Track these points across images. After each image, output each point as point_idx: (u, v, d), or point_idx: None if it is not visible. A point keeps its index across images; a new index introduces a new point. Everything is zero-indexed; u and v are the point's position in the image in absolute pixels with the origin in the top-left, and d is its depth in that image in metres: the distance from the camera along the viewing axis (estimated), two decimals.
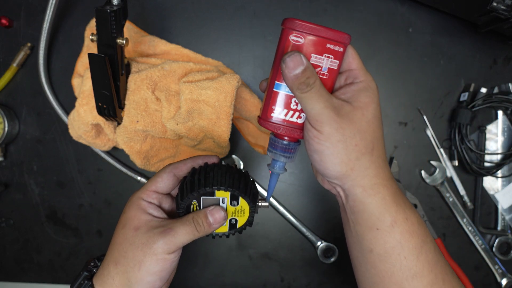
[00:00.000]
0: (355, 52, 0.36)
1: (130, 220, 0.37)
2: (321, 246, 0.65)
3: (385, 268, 0.34)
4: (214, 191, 0.38)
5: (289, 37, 0.34)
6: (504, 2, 0.52)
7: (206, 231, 0.38)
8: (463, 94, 0.65)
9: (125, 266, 0.35)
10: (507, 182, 0.67)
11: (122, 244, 0.36)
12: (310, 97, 0.32)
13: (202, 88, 0.52)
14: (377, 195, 0.33)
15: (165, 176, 0.40)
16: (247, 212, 0.40)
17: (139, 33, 0.62)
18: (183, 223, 0.37)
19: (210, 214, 0.38)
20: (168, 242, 0.35)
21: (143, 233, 0.36)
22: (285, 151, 0.37)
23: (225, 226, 0.41)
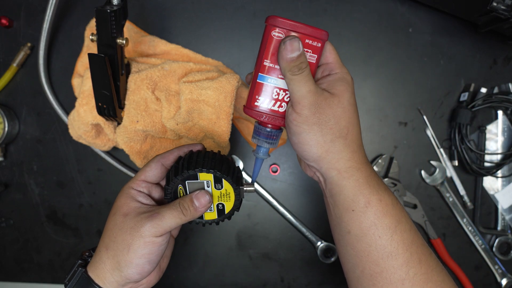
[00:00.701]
0: (332, 48, 0.39)
1: (120, 207, 0.39)
2: (321, 246, 0.65)
3: (362, 248, 0.36)
4: (197, 174, 0.39)
5: (271, 32, 0.36)
6: (504, 2, 0.52)
7: (193, 215, 0.39)
8: (463, 94, 0.65)
9: (115, 250, 0.37)
10: (507, 182, 0.67)
11: (112, 230, 0.38)
12: (299, 80, 0.35)
13: (202, 88, 0.52)
14: (351, 178, 0.36)
15: (153, 166, 0.41)
16: (233, 196, 0.41)
17: (139, 33, 0.62)
18: (170, 207, 0.38)
19: (196, 198, 0.39)
20: (155, 225, 0.36)
21: (131, 218, 0.37)
22: (268, 137, 0.40)
23: (213, 212, 0.42)
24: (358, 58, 0.65)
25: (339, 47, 0.65)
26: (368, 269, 0.36)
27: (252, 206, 0.66)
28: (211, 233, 0.66)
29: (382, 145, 0.66)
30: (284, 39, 0.35)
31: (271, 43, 0.37)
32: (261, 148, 0.40)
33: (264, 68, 0.38)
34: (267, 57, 0.38)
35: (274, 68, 0.38)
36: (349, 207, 0.36)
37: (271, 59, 0.38)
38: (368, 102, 0.65)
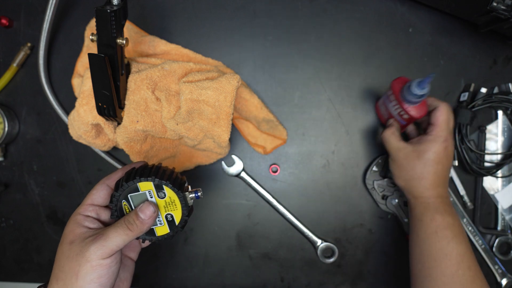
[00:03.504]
0: (443, 111, 0.52)
1: (66, 235, 0.38)
2: (321, 246, 0.65)
3: (425, 247, 0.50)
4: (137, 184, 0.39)
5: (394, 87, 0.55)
6: (504, 2, 0.52)
7: (140, 229, 0.38)
8: (463, 94, 0.65)
9: (64, 280, 0.36)
10: (507, 182, 0.67)
11: (60, 260, 0.37)
12: (388, 136, 0.56)
13: (202, 88, 0.52)
14: (422, 203, 0.51)
15: (99, 188, 0.41)
16: (178, 203, 0.40)
17: (139, 33, 0.62)
18: (114, 226, 0.37)
19: (140, 210, 0.39)
20: (100, 246, 0.36)
21: (77, 244, 0.37)
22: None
23: (164, 226, 0.41)
24: (358, 58, 0.65)
25: (339, 47, 0.65)
26: (428, 263, 0.49)
27: (252, 206, 0.66)
28: (211, 233, 0.66)
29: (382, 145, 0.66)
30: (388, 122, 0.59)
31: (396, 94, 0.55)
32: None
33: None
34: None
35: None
36: (419, 219, 0.51)
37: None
38: (368, 102, 0.65)
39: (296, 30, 0.65)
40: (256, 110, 0.61)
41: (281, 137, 0.64)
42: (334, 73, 0.65)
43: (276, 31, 0.65)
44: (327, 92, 0.65)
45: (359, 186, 0.66)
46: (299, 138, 0.65)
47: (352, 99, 0.65)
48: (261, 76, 0.65)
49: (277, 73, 0.65)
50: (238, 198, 0.66)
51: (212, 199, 0.66)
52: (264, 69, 0.65)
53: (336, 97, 0.65)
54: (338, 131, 0.65)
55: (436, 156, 0.50)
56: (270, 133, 0.63)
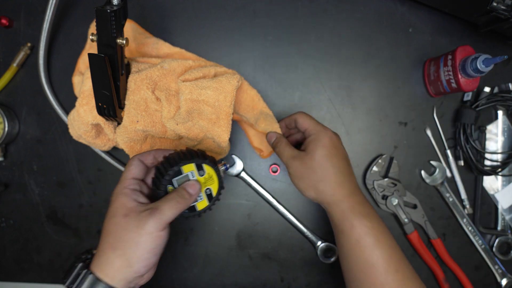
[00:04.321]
0: (305, 116, 0.52)
1: (118, 209, 0.41)
2: (321, 246, 0.65)
3: (352, 259, 0.47)
4: (181, 168, 0.44)
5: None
6: (504, 2, 0.52)
7: (188, 203, 0.43)
8: (466, 94, 0.65)
9: (123, 249, 0.39)
10: (507, 182, 0.67)
11: (116, 231, 0.40)
12: (279, 150, 0.52)
13: (201, 88, 0.52)
14: (337, 208, 0.48)
15: (136, 163, 0.45)
16: (215, 176, 0.47)
17: (143, 34, 0.62)
18: (166, 201, 0.42)
19: (188, 186, 0.44)
20: (158, 220, 0.40)
21: (133, 217, 0.40)
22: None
23: (203, 200, 0.47)
24: (358, 58, 0.65)
25: (339, 47, 0.65)
26: (357, 275, 0.47)
27: (252, 206, 0.66)
28: (211, 233, 0.66)
29: (382, 145, 0.66)
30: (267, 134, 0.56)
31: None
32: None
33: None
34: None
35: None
36: (339, 229, 0.48)
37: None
38: (368, 102, 0.65)
39: (296, 30, 0.65)
40: (253, 102, 0.60)
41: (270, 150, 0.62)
42: (334, 73, 0.65)
43: (276, 31, 0.65)
44: (327, 92, 0.65)
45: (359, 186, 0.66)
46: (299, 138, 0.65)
47: (352, 99, 0.65)
48: (261, 76, 0.65)
49: (277, 73, 0.65)
50: (238, 198, 0.66)
51: None
52: (264, 69, 0.65)
53: (336, 97, 0.65)
54: (338, 131, 0.65)
55: (326, 149, 0.48)
56: (266, 130, 0.62)
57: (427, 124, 0.66)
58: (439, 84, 0.61)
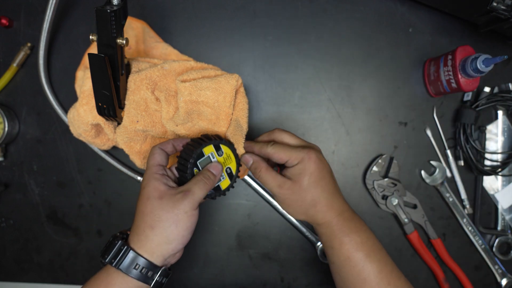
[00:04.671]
0: (279, 148, 0.49)
1: (152, 192, 0.44)
2: (321, 246, 0.65)
3: (343, 275, 0.48)
4: (202, 150, 0.47)
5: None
6: (504, 2, 0.52)
7: (213, 183, 0.47)
8: (466, 94, 0.65)
9: (162, 228, 0.42)
10: (507, 182, 0.67)
11: (153, 212, 0.43)
12: (261, 178, 0.49)
13: (200, 89, 0.52)
14: (327, 228, 0.48)
15: (159, 152, 0.48)
16: (232, 155, 0.50)
17: (154, 38, 0.62)
18: (195, 182, 0.45)
19: (212, 168, 0.48)
20: (191, 200, 0.43)
21: (168, 199, 0.43)
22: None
23: (225, 180, 0.50)
24: (358, 58, 0.65)
25: (339, 47, 0.65)
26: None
27: (252, 206, 0.66)
28: (211, 233, 0.66)
29: (382, 145, 0.66)
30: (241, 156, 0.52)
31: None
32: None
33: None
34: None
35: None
36: (329, 246, 0.48)
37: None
38: (368, 102, 0.65)
39: (296, 30, 0.65)
40: (237, 107, 0.54)
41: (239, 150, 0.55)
42: (334, 73, 0.65)
43: (276, 31, 0.65)
44: (327, 92, 0.65)
45: (359, 186, 0.66)
46: None
47: (352, 99, 0.65)
48: (261, 76, 0.65)
49: (277, 73, 0.65)
50: (238, 198, 0.66)
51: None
52: (264, 69, 0.65)
53: (336, 97, 0.65)
54: (338, 131, 0.65)
55: (314, 176, 0.47)
56: (230, 137, 0.54)
57: (427, 124, 0.66)
58: (439, 84, 0.61)
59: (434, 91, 0.64)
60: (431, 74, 0.62)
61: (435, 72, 0.61)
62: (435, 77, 0.61)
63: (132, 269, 0.42)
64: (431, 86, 0.64)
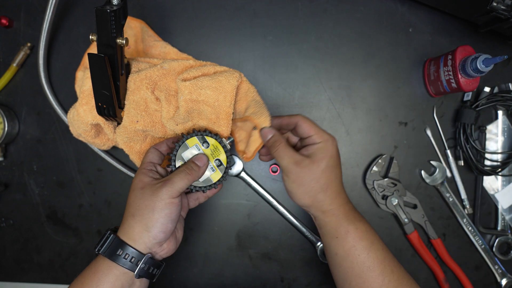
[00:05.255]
0: (309, 123, 0.50)
1: (136, 184, 0.46)
2: (321, 246, 0.65)
3: (347, 265, 0.47)
4: (185, 142, 0.49)
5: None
6: (504, 2, 0.52)
7: (197, 174, 0.47)
8: (466, 94, 0.65)
9: (141, 215, 0.44)
10: (507, 182, 0.67)
11: (135, 201, 0.45)
12: (278, 153, 0.49)
13: (201, 88, 0.52)
14: (333, 216, 0.48)
15: (152, 151, 0.51)
16: (220, 147, 0.50)
17: (152, 37, 0.62)
18: (177, 172, 0.46)
19: (195, 159, 0.49)
20: (169, 188, 0.44)
21: (149, 188, 0.45)
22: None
23: (216, 172, 0.50)
24: (358, 58, 0.65)
25: (339, 47, 0.65)
26: (354, 281, 0.46)
27: (252, 206, 0.66)
28: (211, 233, 0.66)
29: (382, 145, 0.66)
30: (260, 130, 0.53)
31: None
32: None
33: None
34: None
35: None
36: (333, 235, 0.48)
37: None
38: (368, 102, 0.65)
39: (296, 30, 0.65)
40: (246, 94, 0.55)
41: (265, 122, 0.55)
42: (334, 73, 0.65)
43: (276, 31, 0.65)
44: (327, 92, 0.65)
45: (359, 186, 0.66)
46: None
47: (352, 99, 0.65)
48: (261, 76, 0.65)
49: (277, 73, 0.65)
50: (238, 198, 0.66)
51: (212, 199, 0.66)
52: (264, 69, 0.65)
53: (336, 97, 0.65)
54: (338, 131, 0.65)
55: (333, 160, 0.48)
56: (253, 118, 0.56)
57: (427, 124, 0.66)
58: (439, 84, 0.61)
59: (434, 91, 0.64)
60: (431, 74, 0.62)
61: (435, 72, 0.61)
62: (435, 77, 0.61)
63: (117, 256, 0.43)
64: (431, 86, 0.64)
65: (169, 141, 0.53)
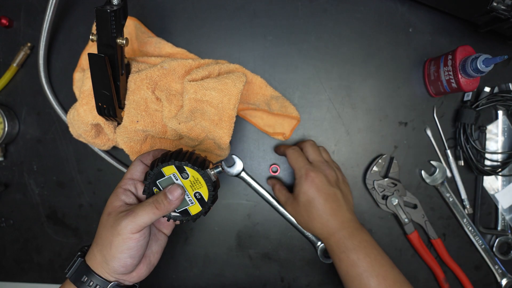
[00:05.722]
0: (292, 156, 0.56)
1: (107, 206, 0.43)
2: (321, 246, 0.65)
3: (356, 285, 0.50)
4: (161, 170, 0.42)
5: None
6: (504, 2, 0.52)
7: (167, 209, 0.42)
8: (466, 94, 0.65)
9: (101, 245, 0.41)
10: (507, 182, 0.67)
11: (100, 227, 0.42)
12: (275, 195, 0.61)
13: (206, 89, 0.52)
14: (337, 242, 0.52)
15: (136, 164, 0.46)
16: (202, 180, 0.43)
17: (146, 34, 0.62)
18: (143, 205, 0.41)
19: (169, 191, 0.42)
20: (130, 222, 0.40)
21: (113, 217, 0.41)
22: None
23: (195, 205, 0.44)
24: (358, 58, 0.65)
25: (339, 47, 0.65)
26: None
27: (252, 206, 0.66)
28: (211, 233, 0.66)
29: (382, 145, 0.66)
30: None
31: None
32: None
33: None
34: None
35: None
36: (339, 258, 0.51)
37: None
38: (368, 102, 0.65)
39: (296, 30, 0.65)
40: (261, 89, 0.62)
41: (294, 116, 0.62)
42: (334, 73, 0.65)
43: (276, 31, 0.65)
44: (327, 92, 0.65)
45: (359, 186, 0.66)
46: (299, 138, 0.65)
47: (352, 99, 0.65)
48: (261, 76, 0.64)
49: (277, 73, 0.65)
50: (238, 198, 0.66)
51: None
52: (264, 69, 0.65)
53: (336, 97, 0.65)
54: (338, 131, 0.65)
55: (307, 196, 0.53)
56: (282, 113, 0.62)
57: (427, 124, 0.66)
58: (439, 84, 0.61)
59: (434, 91, 0.64)
60: (431, 74, 0.62)
61: (435, 72, 0.61)
62: (435, 77, 0.61)
63: (81, 282, 0.41)
64: (431, 86, 0.64)
65: (157, 153, 0.47)
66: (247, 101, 0.62)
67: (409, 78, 0.65)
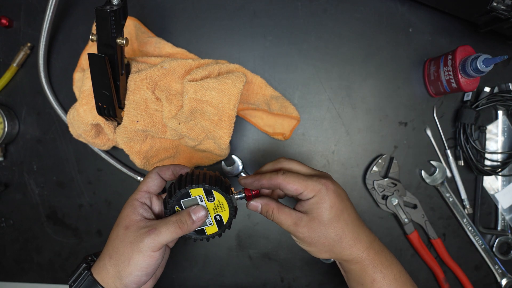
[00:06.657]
0: (293, 179, 0.42)
1: (123, 219, 0.42)
2: None
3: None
4: (189, 191, 0.42)
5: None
6: (504, 2, 0.52)
7: (189, 228, 0.42)
8: (466, 94, 0.65)
9: (117, 260, 0.40)
10: (507, 182, 0.67)
11: (115, 241, 0.41)
12: (275, 220, 0.44)
13: (206, 89, 0.52)
14: (356, 264, 0.44)
15: (153, 177, 0.45)
16: (226, 205, 0.44)
17: (146, 33, 0.62)
18: (166, 223, 0.40)
19: (193, 212, 0.42)
20: (153, 240, 0.39)
21: (132, 232, 0.40)
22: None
23: (213, 226, 0.45)
24: (358, 58, 0.65)
25: (339, 47, 0.65)
26: None
27: None
28: None
29: (382, 145, 0.66)
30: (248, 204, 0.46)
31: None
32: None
33: None
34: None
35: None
36: (358, 282, 0.44)
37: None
38: (368, 102, 0.65)
39: (296, 30, 0.65)
40: (261, 89, 0.62)
41: (294, 116, 0.63)
42: (334, 73, 0.65)
43: (276, 31, 0.65)
44: (327, 92, 0.65)
45: (359, 186, 0.66)
46: (299, 138, 0.65)
47: (352, 99, 0.65)
48: (261, 76, 0.65)
49: (277, 73, 0.65)
50: None
51: None
52: (264, 69, 0.65)
53: (336, 97, 0.65)
54: (338, 131, 0.65)
55: (334, 209, 0.42)
56: (282, 113, 0.62)
57: (427, 124, 0.66)
58: (439, 84, 0.61)
59: (434, 91, 0.64)
60: (431, 74, 0.62)
61: (435, 72, 0.61)
62: (435, 77, 0.61)
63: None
64: (431, 86, 0.64)
65: (177, 169, 0.46)
66: (247, 101, 0.62)
67: (409, 78, 0.65)
